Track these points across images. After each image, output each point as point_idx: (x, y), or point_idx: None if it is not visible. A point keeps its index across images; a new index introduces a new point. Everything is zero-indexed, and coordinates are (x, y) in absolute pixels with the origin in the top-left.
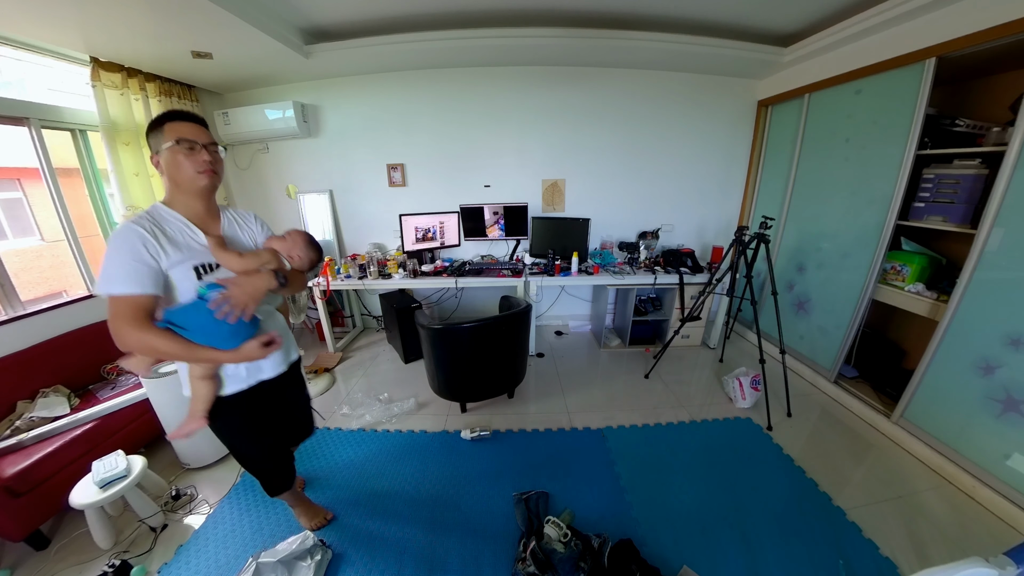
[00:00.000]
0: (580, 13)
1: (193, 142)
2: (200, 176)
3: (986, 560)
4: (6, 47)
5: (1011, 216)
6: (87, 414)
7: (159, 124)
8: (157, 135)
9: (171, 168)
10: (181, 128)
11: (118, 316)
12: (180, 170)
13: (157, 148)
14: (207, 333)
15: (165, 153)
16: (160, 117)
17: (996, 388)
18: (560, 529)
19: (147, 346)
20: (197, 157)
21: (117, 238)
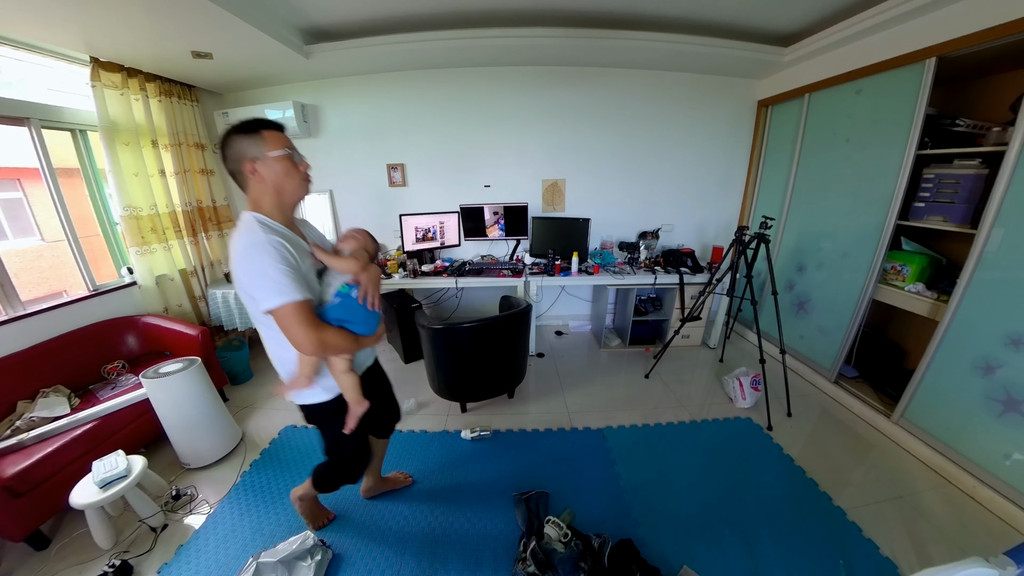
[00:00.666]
0: (580, 13)
1: (295, 152)
2: (303, 185)
3: (986, 560)
4: (6, 47)
5: (1011, 216)
6: (87, 414)
7: (255, 130)
8: (255, 140)
9: (280, 176)
10: (282, 137)
11: (300, 323)
12: (288, 178)
13: (255, 155)
14: (364, 323)
15: (272, 161)
16: (254, 123)
17: (996, 388)
18: (560, 529)
19: (327, 344)
20: (301, 167)
21: (264, 253)
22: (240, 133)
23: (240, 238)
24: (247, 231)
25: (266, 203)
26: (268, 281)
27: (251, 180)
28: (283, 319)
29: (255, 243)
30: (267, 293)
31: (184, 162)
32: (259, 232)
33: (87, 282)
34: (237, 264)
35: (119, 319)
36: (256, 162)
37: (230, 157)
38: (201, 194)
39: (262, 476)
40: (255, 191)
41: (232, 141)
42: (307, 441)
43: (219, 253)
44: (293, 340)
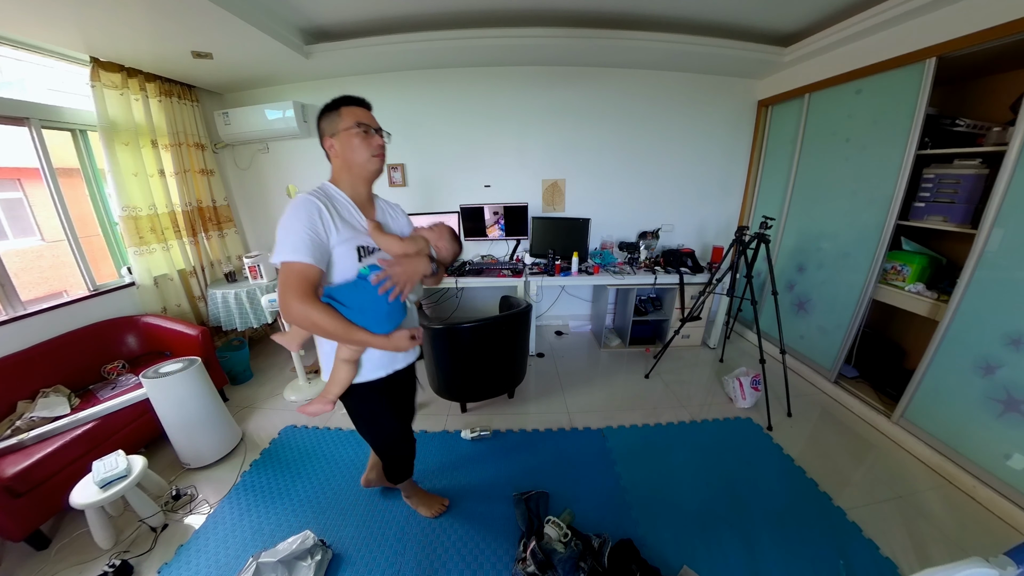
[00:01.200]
0: (580, 13)
1: (369, 126)
2: (373, 160)
3: (986, 560)
4: (6, 47)
5: (1011, 216)
6: (87, 414)
7: (335, 107)
8: (333, 118)
9: (347, 150)
10: (358, 112)
11: (288, 285)
12: (356, 153)
13: (333, 131)
14: (365, 313)
15: (343, 136)
16: (336, 101)
17: (996, 388)
18: (560, 529)
19: (309, 320)
20: (372, 141)
21: (296, 208)
22: (324, 112)
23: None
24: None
25: (342, 178)
26: (285, 236)
27: (331, 156)
28: (280, 276)
29: (296, 201)
30: (279, 246)
31: (184, 162)
32: (310, 193)
33: (87, 282)
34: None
35: (119, 319)
36: (333, 138)
37: (320, 137)
38: (201, 194)
39: (262, 476)
40: (334, 166)
41: (319, 121)
42: (307, 441)
43: (219, 253)
44: (281, 301)
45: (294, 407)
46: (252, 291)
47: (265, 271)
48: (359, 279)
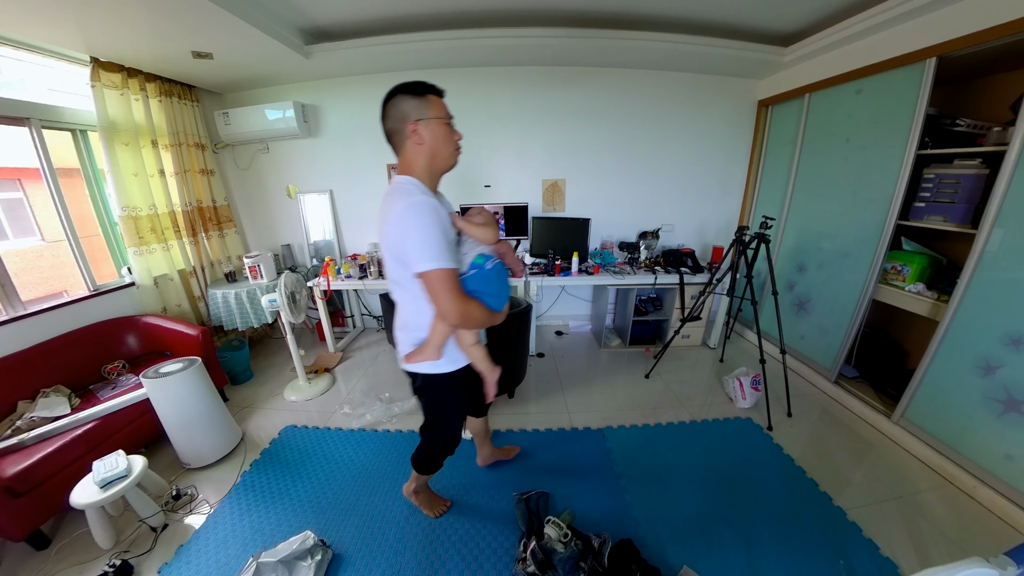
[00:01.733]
0: (580, 13)
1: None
2: (454, 154)
3: (987, 560)
4: (6, 47)
5: (1012, 216)
6: (88, 414)
7: (422, 92)
8: (421, 103)
9: (437, 141)
10: (443, 104)
11: (448, 290)
12: (445, 145)
13: (421, 116)
14: (496, 296)
15: (433, 124)
16: (421, 85)
17: (997, 388)
18: (560, 529)
19: (469, 316)
20: (455, 135)
21: (422, 214)
22: (407, 93)
23: (398, 198)
24: (405, 192)
25: (418, 167)
26: (425, 243)
27: (409, 141)
28: (433, 284)
29: (417, 204)
30: (422, 255)
31: (184, 162)
32: (418, 194)
33: (87, 282)
34: (394, 223)
35: (119, 319)
36: (419, 123)
37: (392, 116)
38: (201, 194)
39: (262, 476)
40: (410, 152)
41: (398, 100)
42: (307, 441)
43: (219, 253)
44: (440, 307)
45: (294, 407)
46: (252, 291)
47: (265, 271)
48: (479, 269)
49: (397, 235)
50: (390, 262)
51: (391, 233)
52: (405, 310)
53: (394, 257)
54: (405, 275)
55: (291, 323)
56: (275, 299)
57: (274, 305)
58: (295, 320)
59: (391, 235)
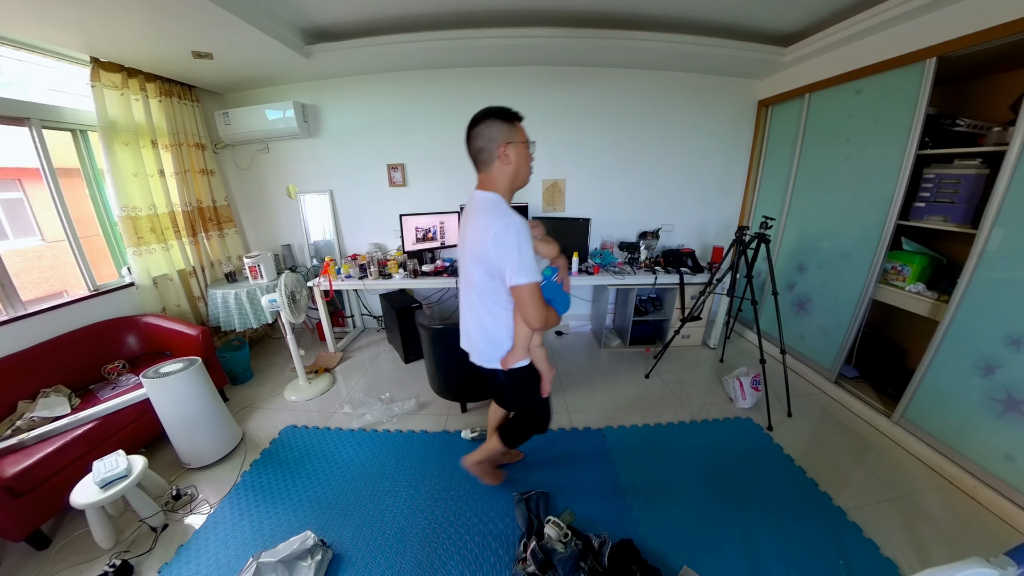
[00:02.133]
0: (581, 13)
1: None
2: (529, 174)
3: (987, 560)
4: (7, 47)
5: (1012, 216)
6: (88, 414)
7: (511, 119)
8: (510, 128)
9: (520, 163)
10: (524, 130)
11: (536, 301)
12: (525, 166)
13: (511, 139)
14: (563, 303)
15: (519, 147)
16: (510, 112)
17: (997, 388)
18: (560, 529)
19: (547, 320)
20: (531, 158)
21: (520, 232)
22: (500, 118)
23: (496, 216)
24: (502, 210)
25: (502, 184)
26: (522, 260)
27: (498, 161)
28: (525, 295)
29: (515, 224)
30: (520, 270)
31: (184, 162)
32: (514, 214)
33: (87, 282)
34: (494, 239)
35: (119, 319)
36: (509, 145)
37: (483, 135)
38: (201, 194)
39: (262, 476)
40: (496, 172)
41: (491, 123)
42: (308, 441)
43: (219, 253)
44: (527, 314)
45: (294, 407)
46: (252, 291)
47: (265, 271)
48: (548, 280)
49: (496, 251)
50: (478, 273)
51: (488, 248)
52: (487, 321)
53: (486, 270)
54: (493, 286)
55: (291, 323)
56: (275, 299)
57: (274, 305)
58: (295, 320)
59: (488, 250)
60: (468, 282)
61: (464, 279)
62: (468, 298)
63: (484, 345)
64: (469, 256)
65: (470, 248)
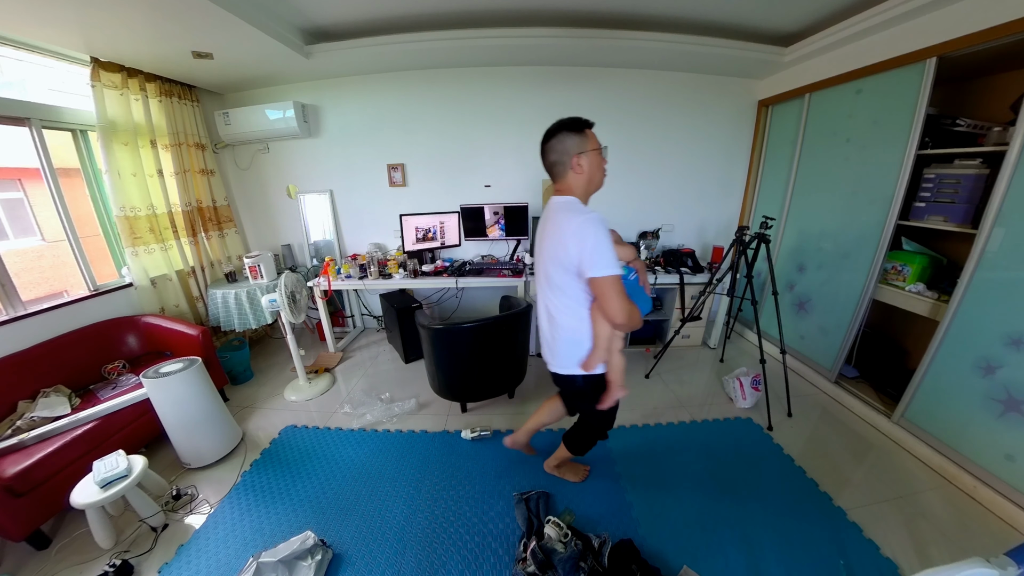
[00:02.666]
0: (580, 13)
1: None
2: (603, 177)
3: (987, 560)
4: (7, 47)
5: (1012, 216)
6: (88, 414)
7: (581, 128)
8: (581, 138)
9: (594, 169)
10: (595, 136)
11: (619, 293)
12: (598, 171)
13: (582, 149)
14: (644, 303)
15: (592, 155)
16: (580, 121)
17: (997, 388)
18: (560, 529)
19: (632, 317)
20: (604, 162)
21: (599, 228)
22: (570, 131)
23: (573, 215)
24: (579, 209)
25: (577, 191)
26: (603, 252)
27: (572, 172)
28: (608, 288)
29: (594, 219)
30: (601, 262)
31: (184, 162)
32: (591, 211)
33: (87, 282)
34: (572, 235)
35: (120, 319)
36: (581, 155)
37: (556, 150)
38: (201, 194)
39: (263, 476)
40: (571, 180)
41: (562, 136)
42: (308, 441)
43: (219, 253)
44: (610, 308)
45: (294, 407)
46: (252, 291)
47: (265, 271)
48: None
49: (575, 246)
50: (557, 273)
51: (568, 245)
52: (567, 322)
53: (564, 267)
54: (573, 284)
55: (291, 323)
56: (275, 299)
57: (274, 305)
58: (295, 320)
59: (568, 247)
60: (547, 286)
61: (542, 285)
62: (547, 304)
63: (564, 348)
64: (548, 258)
65: (548, 250)
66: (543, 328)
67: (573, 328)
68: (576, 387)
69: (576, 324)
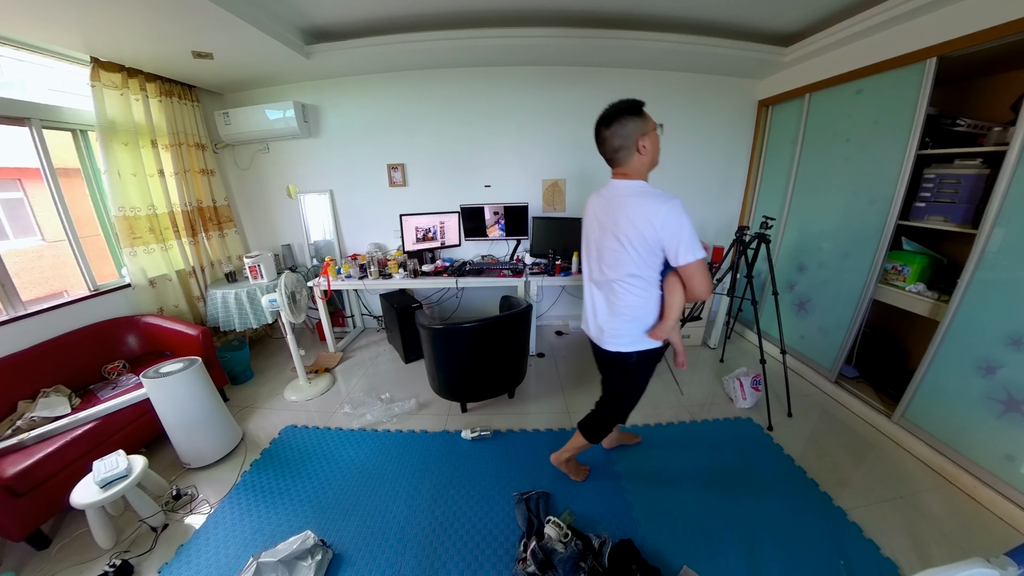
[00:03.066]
0: (580, 13)
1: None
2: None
3: (987, 560)
4: (7, 47)
5: (1012, 216)
6: (88, 414)
7: (640, 111)
8: (641, 121)
9: (654, 147)
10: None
11: (705, 274)
12: (657, 151)
13: (645, 131)
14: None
15: (652, 135)
16: (638, 103)
17: (997, 388)
18: (560, 529)
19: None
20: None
21: (683, 212)
22: (632, 114)
23: (659, 200)
24: (660, 195)
25: (643, 172)
26: (695, 239)
27: (637, 154)
28: (697, 270)
29: (679, 205)
30: (692, 247)
31: (184, 162)
32: (673, 196)
33: (87, 282)
34: (663, 221)
35: (120, 319)
36: (645, 137)
37: (619, 134)
38: (201, 194)
39: (263, 476)
40: (636, 162)
41: (624, 121)
42: (308, 441)
43: (219, 253)
44: (698, 287)
45: (294, 407)
46: (252, 291)
47: (265, 271)
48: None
49: (667, 233)
50: (636, 255)
51: (658, 231)
52: (633, 301)
53: (648, 250)
54: (650, 266)
55: (291, 323)
56: (275, 299)
57: (274, 305)
58: (295, 320)
59: (657, 232)
60: (611, 267)
61: (600, 266)
62: (610, 284)
63: (626, 325)
64: (624, 240)
65: (625, 232)
66: (599, 308)
67: (638, 306)
68: (628, 363)
69: (642, 303)
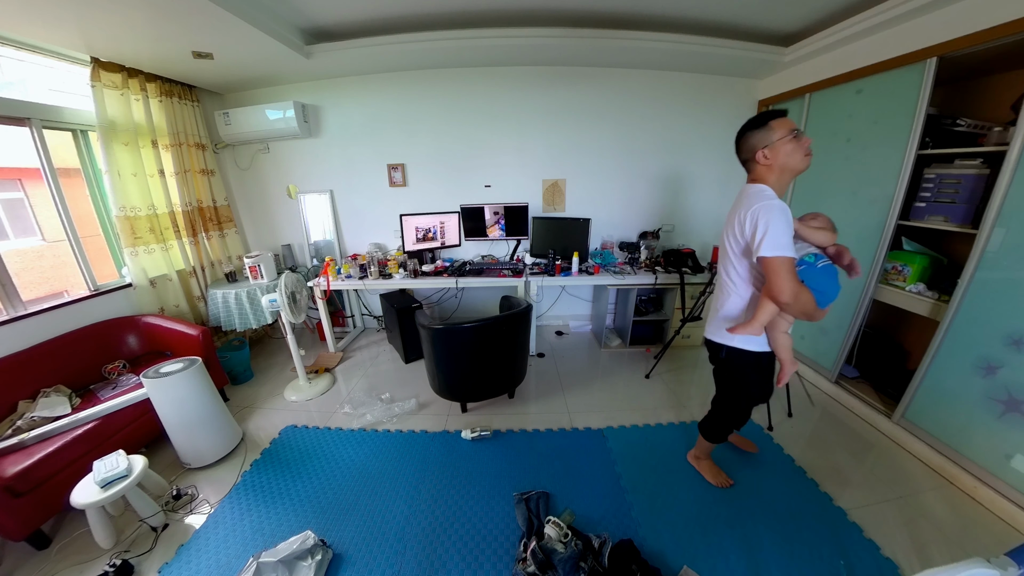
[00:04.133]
0: (581, 13)
1: (799, 130)
2: (806, 159)
3: (987, 561)
4: (7, 47)
5: (1012, 216)
6: (88, 414)
7: (764, 123)
8: (763, 132)
9: (785, 156)
10: (788, 122)
11: (788, 273)
12: (792, 157)
13: (766, 143)
14: (824, 294)
15: (779, 144)
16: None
17: (997, 388)
18: (560, 529)
19: (799, 299)
20: (803, 142)
21: (780, 212)
22: (752, 129)
23: (756, 199)
24: (766, 195)
25: (769, 180)
26: (776, 235)
27: (759, 164)
28: (777, 267)
29: (774, 205)
30: (773, 243)
31: (184, 162)
32: (776, 198)
33: (88, 282)
34: (750, 215)
35: (120, 319)
36: (765, 149)
37: (744, 149)
38: (201, 194)
39: (263, 476)
40: (761, 171)
41: (748, 135)
42: (308, 441)
43: (219, 253)
44: (777, 285)
45: (294, 407)
46: (252, 291)
47: (265, 271)
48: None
49: (750, 226)
50: (733, 253)
51: (745, 225)
52: (732, 298)
53: (741, 247)
54: (743, 263)
55: (291, 323)
56: (275, 299)
57: (274, 305)
58: (295, 320)
59: (745, 226)
60: (722, 261)
61: (722, 264)
62: (723, 275)
63: (718, 319)
64: (729, 235)
65: (732, 228)
66: (715, 296)
67: (734, 303)
68: (719, 357)
69: (738, 300)
